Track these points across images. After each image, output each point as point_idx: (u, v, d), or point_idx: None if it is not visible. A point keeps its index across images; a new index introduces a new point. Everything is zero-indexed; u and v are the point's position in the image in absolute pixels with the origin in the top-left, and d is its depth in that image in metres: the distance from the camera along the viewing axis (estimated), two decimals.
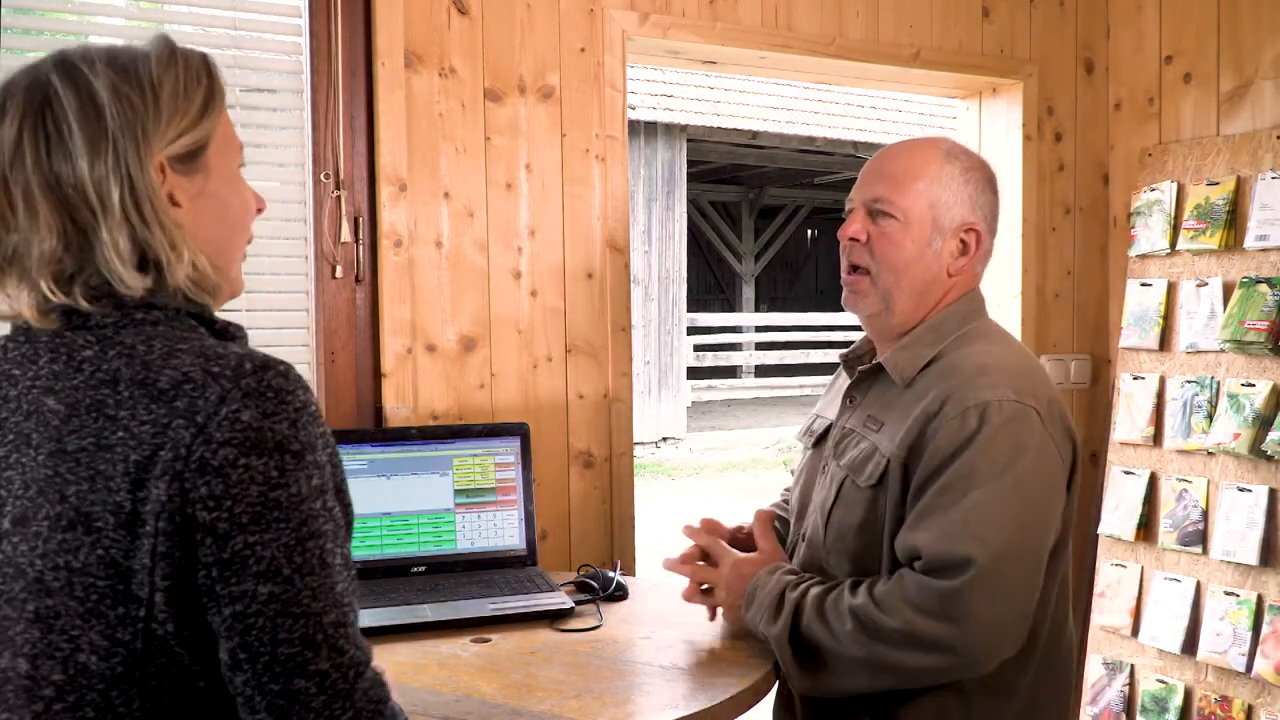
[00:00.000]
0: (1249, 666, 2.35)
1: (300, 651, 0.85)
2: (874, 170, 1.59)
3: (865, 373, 1.61)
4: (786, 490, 1.90)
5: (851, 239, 1.57)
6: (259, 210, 1.06)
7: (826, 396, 1.79)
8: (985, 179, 1.60)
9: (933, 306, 1.57)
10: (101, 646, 0.86)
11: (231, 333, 0.99)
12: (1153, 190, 2.70)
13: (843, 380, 1.73)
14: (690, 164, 12.11)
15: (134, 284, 0.90)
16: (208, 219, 0.98)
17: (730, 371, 14.60)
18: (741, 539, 1.73)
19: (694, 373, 12.93)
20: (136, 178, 0.90)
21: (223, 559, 0.84)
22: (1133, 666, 2.63)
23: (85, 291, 0.90)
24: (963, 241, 1.56)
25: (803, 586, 1.49)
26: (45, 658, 0.87)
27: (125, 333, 0.90)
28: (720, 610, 1.63)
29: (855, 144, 12.06)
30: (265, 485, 0.85)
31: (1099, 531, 2.73)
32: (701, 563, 1.66)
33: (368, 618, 1.63)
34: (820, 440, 1.69)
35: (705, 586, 1.63)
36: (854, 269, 1.59)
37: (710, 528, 1.72)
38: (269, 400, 0.86)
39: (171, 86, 0.94)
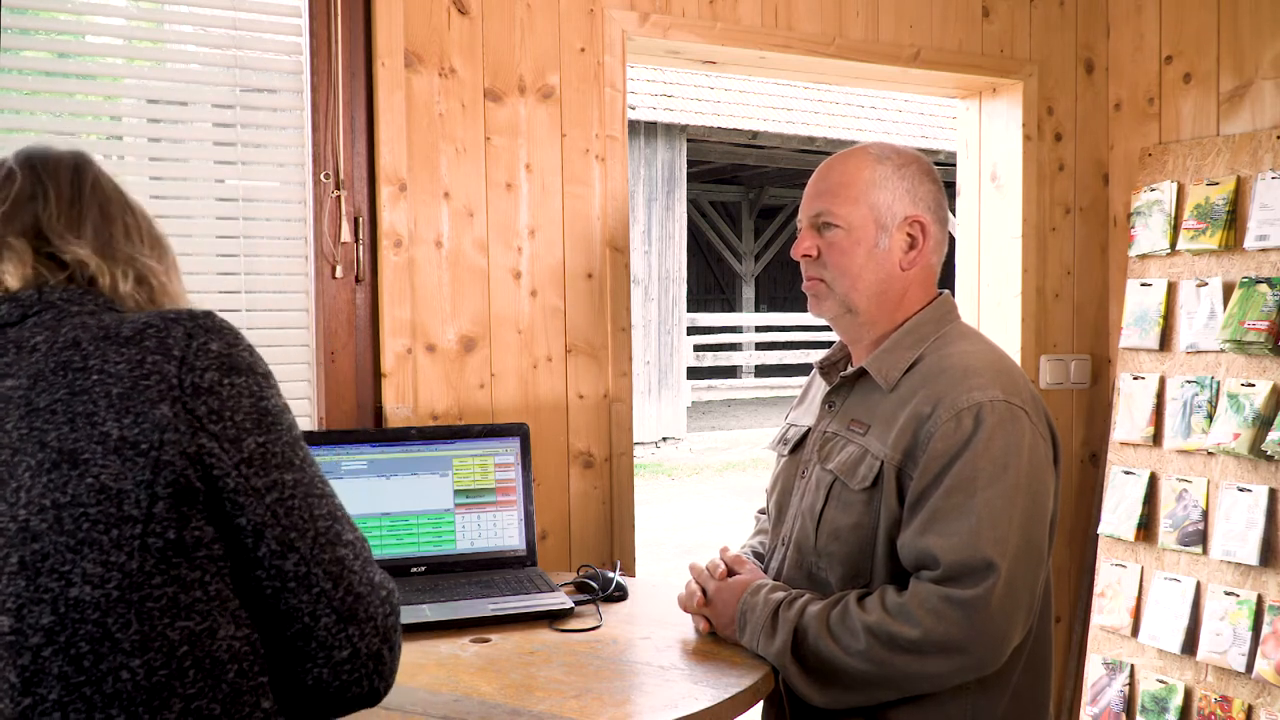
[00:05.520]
0: (1249, 666, 2.35)
1: (332, 525, 0.98)
2: (813, 189, 1.64)
3: (846, 378, 1.63)
4: (760, 512, 1.91)
5: (804, 256, 1.62)
6: None
7: (799, 406, 1.81)
8: (921, 171, 1.63)
9: (898, 303, 1.61)
10: (95, 574, 0.89)
11: None
12: (1153, 190, 2.70)
13: (817, 388, 1.77)
14: (690, 164, 12.11)
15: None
16: None
17: (730, 371, 14.60)
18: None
19: (694, 373, 12.94)
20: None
21: (245, 458, 0.94)
22: (1133, 666, 2.63)
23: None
24: (909, 235, 1.60)
25: (798, 604, 1.49)
26: (32, 604, 0.89)
27: (69, 320, 0.98)
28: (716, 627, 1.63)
29: (855, 144, 12.03)
30: (253, 397, 0.96)
31: (1099, 531, 2.73)
32: (712, 582, 1.64)
33: None
34: (797, 447, 1.70)
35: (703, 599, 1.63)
36: (810, 278, 1.64)
37: (736, 561, 1.69)
38: (227, 334, 0.98)
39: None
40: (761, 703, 1.61)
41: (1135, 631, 2.62)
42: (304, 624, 0.96)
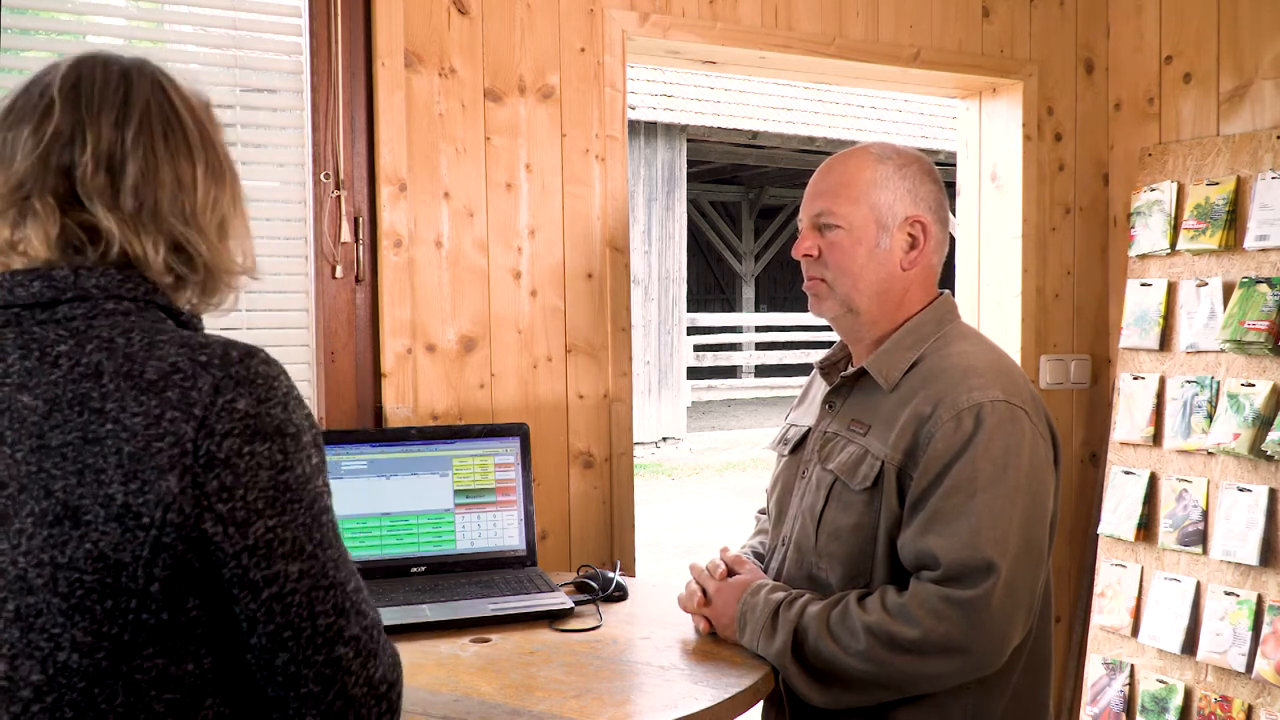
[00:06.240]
0: (1249, 666, 2.35)
1: (335, 621, 0.90)
2: (814, 188, 1.64)
3: (846, 378, 1.63)
4: (760, 512, 1.91)
5: (805, 256, 1.62)
6: None
7: (800, 406, 1.81)
8: (922, 171, 1.63)
9: (899, 303, 1.61)
10: (85, 643, 0.85)
11: (195, 324, 1.00)
12: (1153, 190, 2.70)
13: (817, 388, 1.77)
14: (690, 164, 12.11)
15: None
16: None
17: (730, 371, 14.60)
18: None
19: (694, 373, 12.94)
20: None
21: (249, 545, 0.87)
22: (1133, 666, 2.63)
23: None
24: (910, 235, 1.60)
25: (798, 605, 1.49)
26: (24, 658, 0.86)
27: (99, 324, 0.91)
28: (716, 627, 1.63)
29: (855, 144, 12.03)
30: (273, 470, 0.88)
31: (1099, 531, 2.73)
32: (712, 582, 1.64)
33: None
34: (797, 447, 1.70)
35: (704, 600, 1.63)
36: (811, 278, 1.64)
37: (736, 561, 1.70)
38: (260, 387, 0.89)
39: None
40: (761, 703, 1.61)
41: (1135, 631, 2.62)
42: (287, 716, 0.91)
